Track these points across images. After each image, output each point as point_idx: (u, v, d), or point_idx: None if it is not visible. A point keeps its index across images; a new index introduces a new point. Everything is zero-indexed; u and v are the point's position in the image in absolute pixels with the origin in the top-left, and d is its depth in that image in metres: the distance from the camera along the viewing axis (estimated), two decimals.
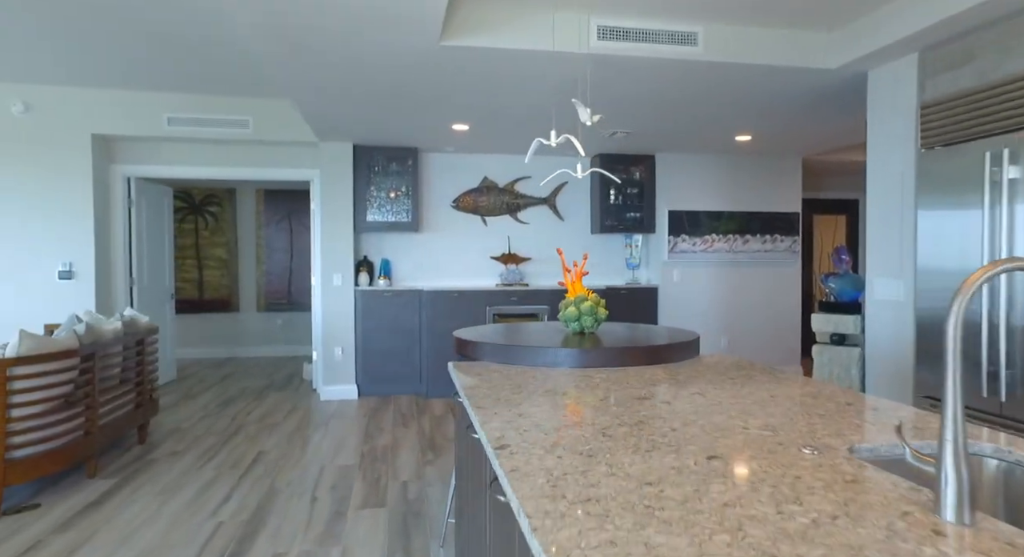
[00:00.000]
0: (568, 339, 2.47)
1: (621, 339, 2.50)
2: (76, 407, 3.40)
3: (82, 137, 5.13)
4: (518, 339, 2.48)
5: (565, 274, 2.78)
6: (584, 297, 2.64)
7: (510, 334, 2.63)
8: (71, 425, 3.36)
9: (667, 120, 4.77)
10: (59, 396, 3.26)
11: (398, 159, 5.87)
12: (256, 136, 5.40)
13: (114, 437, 3.79)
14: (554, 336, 2.57)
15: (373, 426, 4.67)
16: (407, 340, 5.72)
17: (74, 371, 3.39)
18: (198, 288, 7.80)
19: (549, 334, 2.63)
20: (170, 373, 6.33)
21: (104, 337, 3.70)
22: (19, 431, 3.05)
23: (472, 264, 6.21)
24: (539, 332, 2.72)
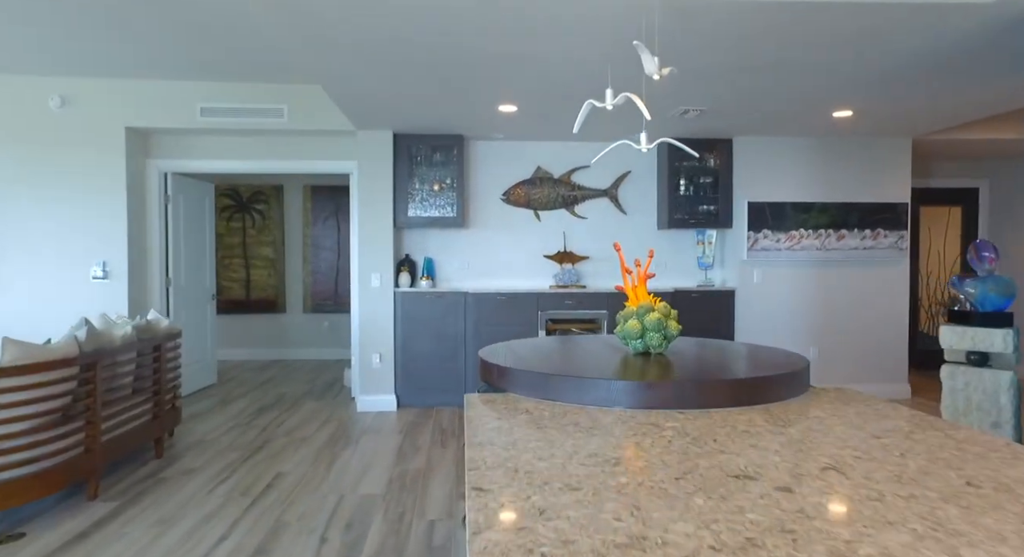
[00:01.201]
0: (627, 364, 1.86)
1: (698, 365, 1.86)
2: (75, 421, 3.06)
3: (116, 131, 4.90)
4: (561, 363, 1.89)
5: (625, 276, 2.17)
6: (650, 306, 2.01)
7: (552, 355, 2.04)
8: (68, 442, 3.01)
9: (750, 94, 4.04)
10: (53, 410, 2.92)
11: (442, 148, 5.38)
12: (291, 125, 5.03)
13: (124, 452, 3.45)
14: (609, 358, 1.96)
15: (408, 444, 4.17)
16: (451, 347, 5.21)
17: (72, 382, 3.04)
18: (245, 288, 7.59)
19: (603, 355, 2.02)
20: (210, 377, 6.09)
21: (110, 343, 3.36)
22: (2, 451, 2.71)
23: (523, 263, 5.65)
24: (591, 351, 2.11)
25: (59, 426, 2.95)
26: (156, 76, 4.83)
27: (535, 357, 1.98)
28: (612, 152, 5.66)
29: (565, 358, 1.98)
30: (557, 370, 1.73)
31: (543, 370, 1.73)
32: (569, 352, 2.11)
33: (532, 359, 1.94)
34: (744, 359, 1.97)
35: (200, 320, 5.88)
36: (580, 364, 1.87)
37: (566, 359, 1.96)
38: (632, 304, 2.07)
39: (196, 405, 5.27)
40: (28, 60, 4.48)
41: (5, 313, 4.87)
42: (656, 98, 4.17)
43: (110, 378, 3.35)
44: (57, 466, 2.93)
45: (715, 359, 1.97)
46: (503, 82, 3.81)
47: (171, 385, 4.06)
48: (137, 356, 3.64)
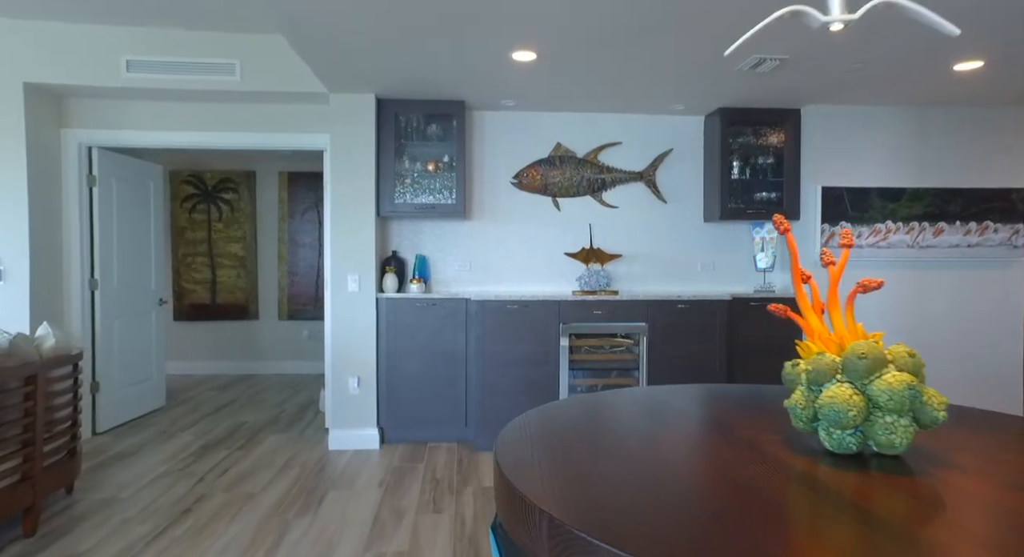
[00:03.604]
0: (859, 532, 0.75)
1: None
2: None
3: (12, 87, 3.81)
4: (691, 511, 0.78)
5: (798, 284, 1.06)
6: (879, 356, 0.90)
7: (653, 478, 0.93)
8: None
9: (853, 35, 2.94)
10: None
11: (439, 118, 4.28)
12: (245, 85, 3.93)
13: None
14: (789, 492, 0.85)
15: (389, 506, 3.08)
16: (448, 368, 4.12)
17: None
18: (210, 291, 6.50)
19: (769, 475, 0.92)
20: (156, 399, 5.00)
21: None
22: None
23: (539, 263, 4.55)
24: (737, 458, 1.01)
25: None
26: (65, 17, 3.74)
27: (624, 482, 0.89)
28: (650, 125, 4.57)
29: (690, 488, 0.88)
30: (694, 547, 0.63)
31: (628, 526, 0.63)
32: (690, 467, 1.01)
33: (622, 491, 0.84)
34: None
35: (142, 331, 4.79)
36: (740, 511, 0.77)
37: (696, 493, 0.86)
38: (824, 347, 0.97)
39: (128, 439, 4.18)
40: None
41: None
42: (720, 40, 3.07)
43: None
44: None
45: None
46: (523, 15, 2.71)
47: (60, 429, 2.96)
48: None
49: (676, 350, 4.07)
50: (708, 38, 3.04)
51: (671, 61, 3.38)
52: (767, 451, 1.06)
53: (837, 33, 2.95)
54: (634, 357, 4.08)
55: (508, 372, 4.00)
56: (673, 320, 4.07)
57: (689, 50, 3.20)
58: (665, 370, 4.07)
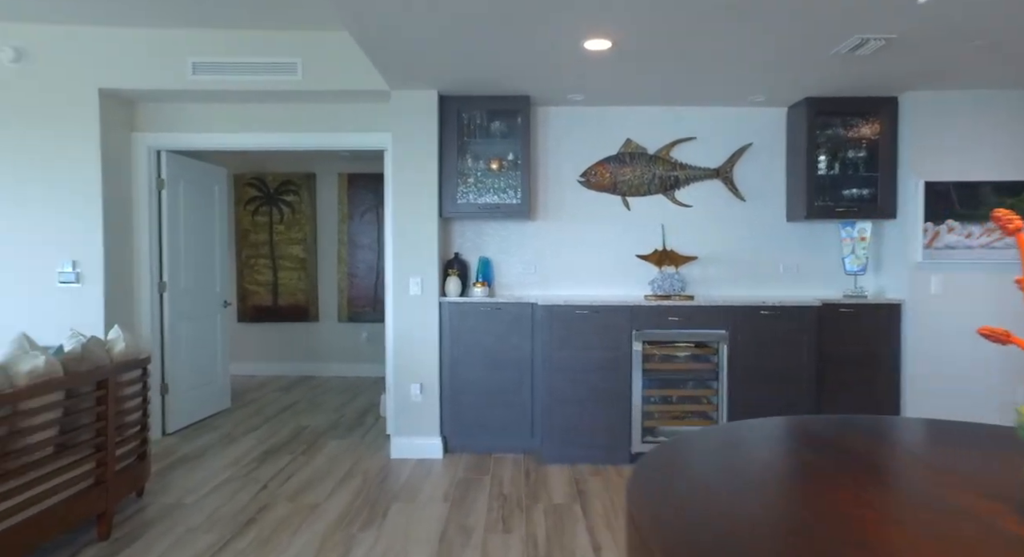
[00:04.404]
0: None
1: None
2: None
3: (87, 94, 3.86)
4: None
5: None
6: None
7: None
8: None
9: (974, 6, 2.60)
10: None
11: (503, 115, 4.12)
12: (307, 85, 3.87)
13: (32, 546, 2.33)
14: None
15: (456, 522, 2.92)
16: (514, 375, 3.94)
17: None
18: (272, 293, 6.55)
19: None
20: (221, 401, 5.03)
21: (5, 385, 2.24)
22: None
23: (609, 266, 4.32)
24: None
25: None
26: (135, 22, 3.76)
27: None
28: (727, 118, 4.28)
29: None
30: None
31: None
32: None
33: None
34: None
35: (208, 333, 4.82)
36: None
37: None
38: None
39: (194, 441, 4.19)
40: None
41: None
42: (819, 21, 2.78)
43: (4, 439, 2.22)
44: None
45: None
46: (602, 8, 2.50)
47: (131, 432, 2.94)
48: (66, 398, 2.52)
49: (759, 360, 3.77)
50: (802, 20, 2.75)
51: (758, 46, 3.10)
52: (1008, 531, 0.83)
53: (954, 7, 2.62)
54: (712, 367, 3.80)
55: (577, 380, 3.79)
56: (756, 327, 3.77)
57: (779, 34, 2.92)
58: (747, 381, 3.77)
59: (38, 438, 2.37)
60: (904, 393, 3.92)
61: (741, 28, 2.87)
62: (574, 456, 3.79)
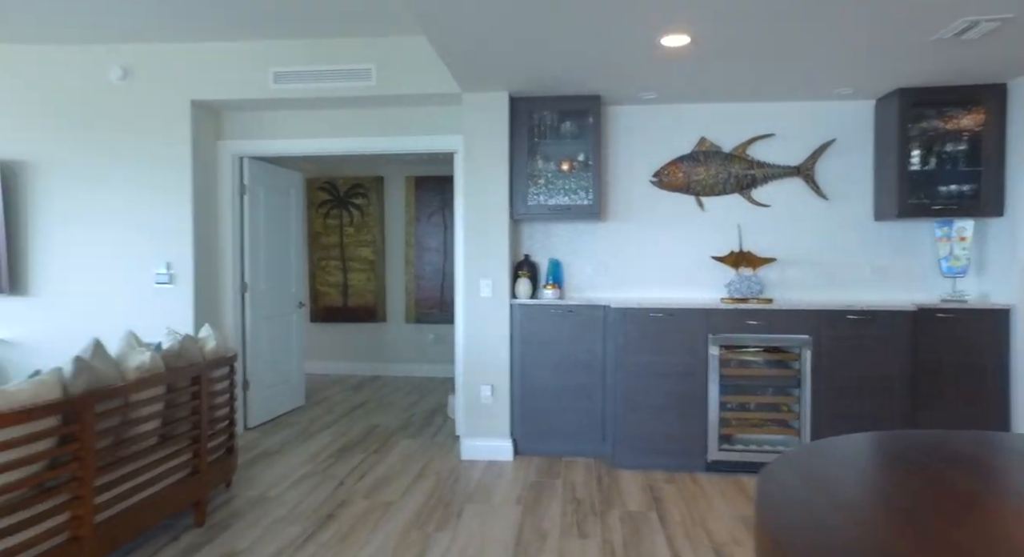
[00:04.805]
0: None
1: None
2: (50, 499, 2.07)
3: (181, 105, 4.07)
4: None
5: None
6: None
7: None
8: (35, 532, 2.03)
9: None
10: (12, 486, 1.94)
11: (573, 115, 4.08)
12: (380, 89, 3.95)
13: (141, 529, 2.46)
14: None
15: (530, 525, 2.90)
16: (585, 379, 3.90)
17: (51, 439, 2.06)
18: (342, 294, 6.74)
19: None
20: (296, 398, 5.20)
21: (118, 379, 2.37)
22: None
23: (681, 267, 4.21)
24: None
25: (25, 508, 1.97)
26: (224, 36, 3.94)
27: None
28: (808, 113, 4.10)
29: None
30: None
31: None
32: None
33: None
34: None
35: (284, 332, 5.00)
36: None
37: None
38: None
39: (273, 437, 4.35)
40: (87, 25, 3.73)
41: (58, 321, 4.20)
42: (922, 4, 2.61)
43: (118, 428, 2.36)
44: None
45: None
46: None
47: (221, 426, 3.07)
48: (167, 392, 2.66)
49: (847, 367, 3.59)
50: (903, 2, 2.59)
51: (850, 35, 2.95)
52: None
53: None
54: (794, 373, 3.64)
55: (651, 385, 3.71)
56: (843, 333, 3.58)
57: (875, 19, 2.77)
58: (833, 390, 3.60)
59: (145, 428, 2.51)
60: (1015, 407, 3.64)
61: (832, 15, 2.73)
62: (647, 462, 3.71)
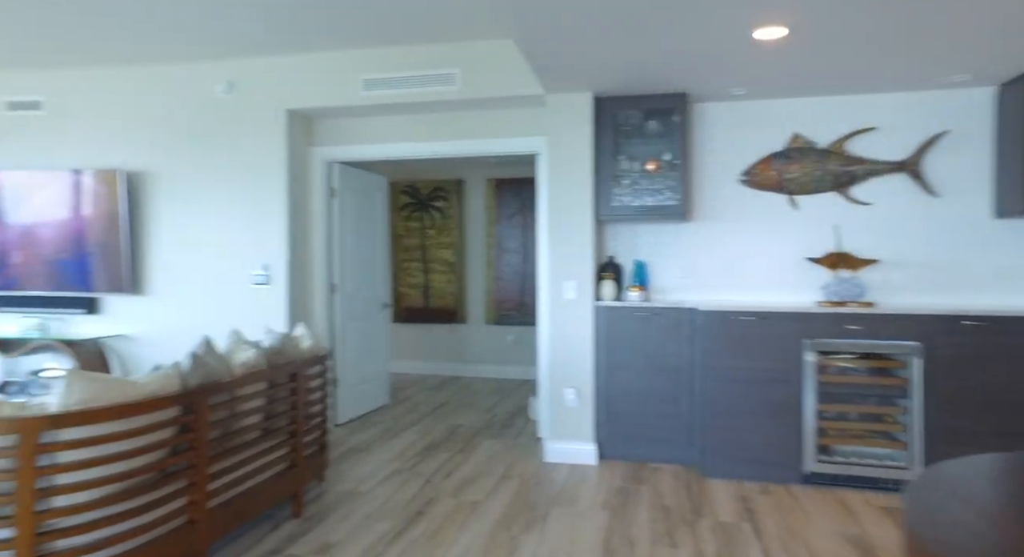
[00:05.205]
0: None
1: None
2: (170, 484, 2.22)
3: (278, 115, 4.29)
4: None
5: None
6: None
7: None
8: (160, 513, 2.18)
9: None
10: (136, 471, 2.09)
11: (659, 114, 3.99)
12: (465, 93, 4.01)
13: (247, 516, 2.60)
14: None
15: (618, 531, 2.85)
16: (671, 383, 3.80)
17: (169, 429, 2.21)
18: (424, 295, 6.89)
19: None
20: (382, 397, 5.36)
21: (226, 374, 2.52)
22: (65, 531, 1.91)
23: (773, 269, 4.03)
24: None
25: (145, 493, 2.12)
26: (317, 47, 4.12)
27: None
28: (915, 104, 3.83)
29: None
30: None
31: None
32: None
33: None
34: None
35: (370, 332, 5.16)
36: None
37: None
38: None
39: (360, 434, 4.49)
40: (197, 42, 4.00)
41: (170, 318, 4.51)
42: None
43: (226, 420, 2.50)
44: (143, 548, 2.10)
45: None
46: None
47: (314, 422, 3.20)
48: (268, 387, 2.79)
49: (965, 378, 3.31)
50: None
51: (970, 14, 2.72)
52: None
53: None
54: (899, 383, 3.40)
55: (741, 391, 3.56)
56: (959, 340, 3.31)
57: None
58: (949, 401, 3.33)
59: (249, 422, 2.65)
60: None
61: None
62: (738, 472, 3.57)
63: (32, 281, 4.61)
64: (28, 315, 4.72)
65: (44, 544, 1.87)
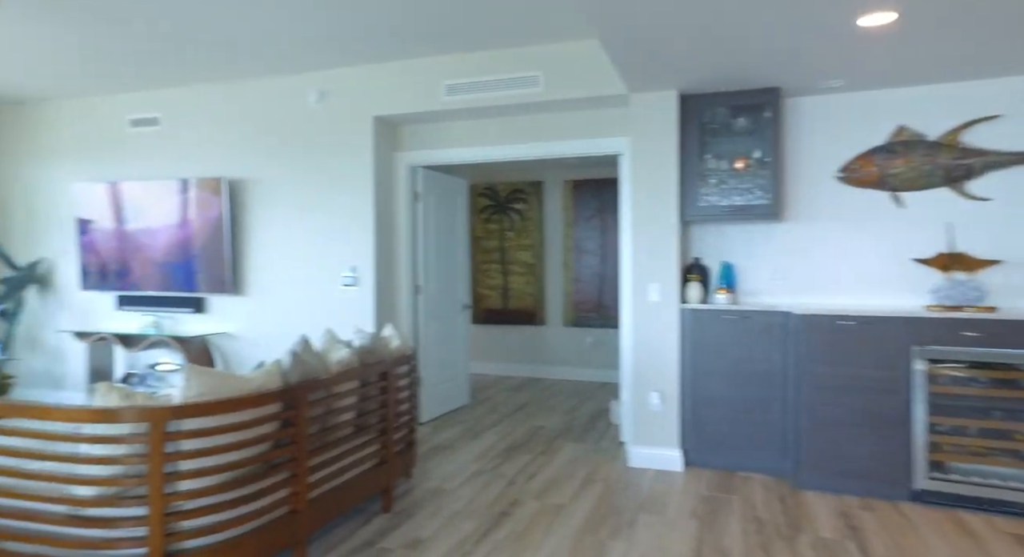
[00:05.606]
0: None
1: None
2: (275, 475, 2.34)
3: (364, 122, 4.45)
4: None
5: None
6: None
7: None
8: (267, 501, 2.30)
9: None
10: (246, 461, 2.21)
11: (748, 110, 3.83)
12: (547, 95, 4.01)
13: (342, 509, 2.70)
14: None
15: (710, 544, 2.75)
16: (762, 389, 3.64)
17: (273, 423, 2.33)
18: (503, 297, 6.94)
19: None
20: (462, 397, 5.44)
21: (323, 371, 2.62)
22: (190, 512, 2.06)
23: (874, 271, 3.78)
24: None
25: (254, 481, 2.24)
26: (401, 55, 4.24)
27: None
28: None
29: None
30: None
31: None
32: None
33: None
34: None
35: (451, 332, 5.25)
36: None
37: None
38: None
39: (443, 433, 4.57)
40: (290, 56, 4.22)
41: (265, 317, 4.76)
42: None
43: (323, 416, 2.61)
44: (251, 534, 2.22)
45: None
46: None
47: (403, 420, 3.28)
48: (360, 386, 2.89)
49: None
50: None
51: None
52: None
53: None
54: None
55: (840, 400, 3.36)
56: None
57: None
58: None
59: (343, 418, 2.75)
60: None
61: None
62: (837, 485, 3.37)
63: (147, 282, 5.00)
64: (145, 313, 5.12)
65: (171, 523, 2.02)
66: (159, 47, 4.11)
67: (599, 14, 2.68)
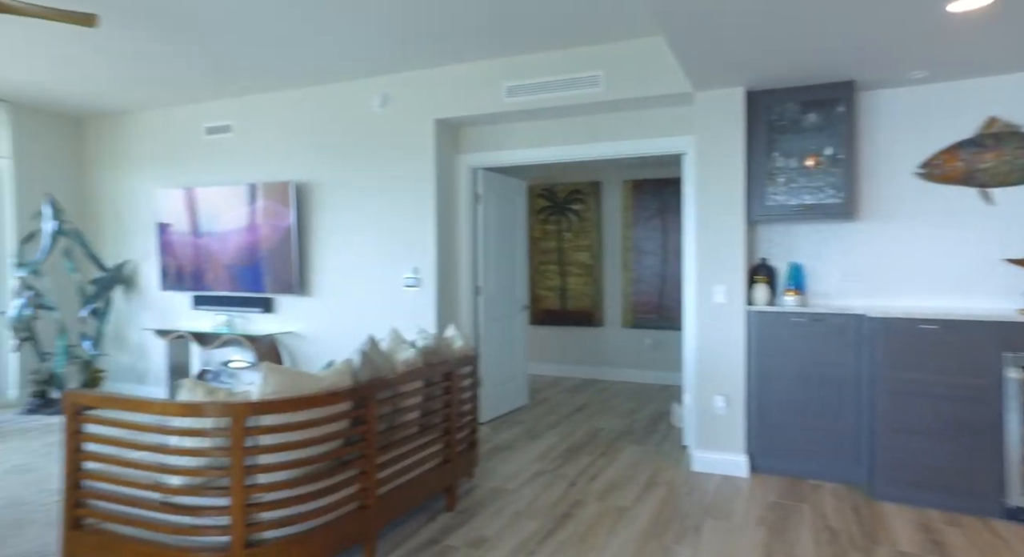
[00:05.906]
0: None
1: None
2: (345, 471, 2.42)
3: (427, 125, 4.53)
4: None
5: None
6: None
7: None
8: (338, 497, 2.38)
9: None
10: (318, 457, 2.29)
11: (819, 105, 3.69)
12: (609, 95, 3.98)
13: (408, 506, 2.76)
14: None
15: (780, 552, 2.67)
16: (833, 395, 3.50)
17: (343, 420, 2.41)
18: (561, 298, 6.93)
19: None
20: (521, 397, 5.46)
21: (390, 371, 2.69)
22: (267, 505, 2.15)
23: (959, 272, 3.58)
24: None
25: (326, 477, 2.32)
26: (462, 58, 4.29)
27: None
28: None
29: None
30: None
31: None
32: None
33: None
34: None
35: (510, 333, 5.28)
36: None
37: None
38: None
39: (503, 433, 4.61)
40: (353, 59, 4.35)
41: (330, 317, 4.91)
42: None
43: (390, 415, 2.68)
44: (324, 528, 2.30)
45: None
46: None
47: (466, 420, 3.33)
48: (425, 385, 2.95)
49: None
50: None
51: None
52: None
53: None
54: None
55: (919, 407, 3.19)
56: None
57: None
58: None
59: (409, 417, 2.81)
60: None
61: None
62: (916, 497, 3.20)
63: (220, 283, 5.25)
64: (218, 312, 5.38)
65: (251, 514, 2.12)
66: (234, 56, 4.30)
67: (665, 12, 2.64)
